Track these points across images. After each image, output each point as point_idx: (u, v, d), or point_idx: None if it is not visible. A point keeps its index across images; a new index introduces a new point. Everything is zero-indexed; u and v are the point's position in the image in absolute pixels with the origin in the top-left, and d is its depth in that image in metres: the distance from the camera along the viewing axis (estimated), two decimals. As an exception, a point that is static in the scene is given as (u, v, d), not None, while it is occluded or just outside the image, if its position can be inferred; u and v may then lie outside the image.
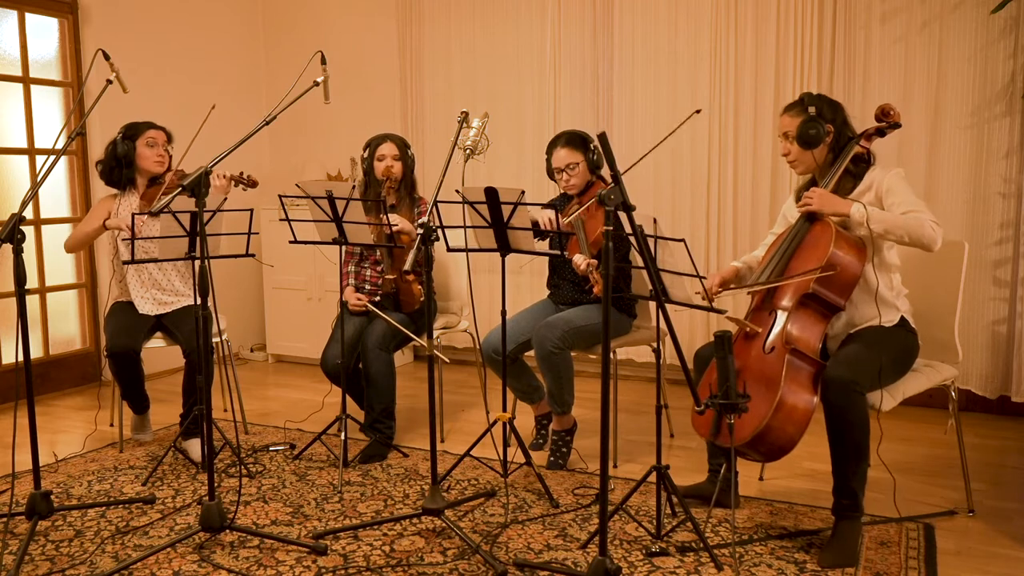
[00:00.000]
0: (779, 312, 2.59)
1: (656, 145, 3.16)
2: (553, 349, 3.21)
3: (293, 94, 2.76)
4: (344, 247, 3.54)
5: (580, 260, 3.20)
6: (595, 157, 3.36)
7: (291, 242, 3.28)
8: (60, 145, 2.91)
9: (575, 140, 3.36)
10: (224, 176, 3.40)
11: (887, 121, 2.73)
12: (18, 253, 2.54)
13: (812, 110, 2.68)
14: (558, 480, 3.20)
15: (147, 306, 3.52)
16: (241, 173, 3.43)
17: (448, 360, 3.35)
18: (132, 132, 3.48)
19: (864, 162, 2.74)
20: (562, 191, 3.48)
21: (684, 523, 2.74)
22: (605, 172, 3.41)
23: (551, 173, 3.44)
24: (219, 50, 5.42)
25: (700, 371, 2.80)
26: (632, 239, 2.34)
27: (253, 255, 3.33)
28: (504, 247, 2.97)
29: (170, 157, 3.57)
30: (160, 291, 3.55)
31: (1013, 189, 3.88)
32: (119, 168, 3.49)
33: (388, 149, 3.61)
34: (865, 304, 2.65)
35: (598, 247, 3.23)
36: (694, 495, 2.90)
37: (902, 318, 2.70)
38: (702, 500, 2.87)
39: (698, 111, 3.33)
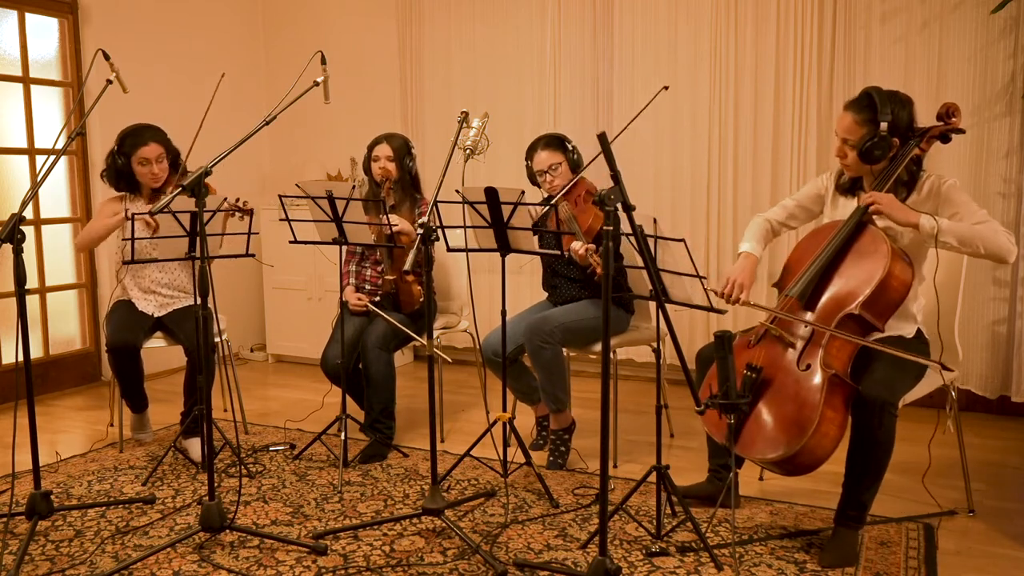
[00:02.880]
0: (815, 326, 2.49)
1: (624, 128, 3.15)
2: (542, 344, 3.20)
3: (293, 94, 2.76)
4: (344, 247, 3.54)
5: (578, 246, 3.21)
6: (575, 156, 3.38)
7: (291, 242, 3.28)
8: (60, 145, 2.91)
9: (554, 141, 3.39)
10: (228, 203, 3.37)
11: (949, 123, 2.53)
12: (18, 253, 2.54)
13: (885, 126, 2.47)
14: (558, 480, 3.20)
15: (149, 307, 3.53)
16: (237, 199, 3.31)
17: (451, 360, 3.35)
18: (127, 148, 3.44)
19: (916, 165, 2.58)
20: (546, 193, 3.48)
21: (684, 523, 2.74)
22: (599, 171, 3.41)
23: (532, 178, 3.46)
24: (219, 50, 5.42)
25: (702, 372, 2.78)
26: (632, 240, 2.33)
27: (253, 255, 3.33)
28: (504, 247, 2.97)
29: (171, 162, 3.53)
30: (160, 295, 3.56)
31: (1013, 189, 3.88)
32: (123, 177, 3.50)
33: (382, 150, 3.61)
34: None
35: (592, 235, 3.24)
36: (693, 495, 2.88)
37: (918, 330, 2.67)
38: (701, 500, 2.87)
39: (665, 88, 3.22)
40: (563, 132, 3.57)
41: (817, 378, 2.40)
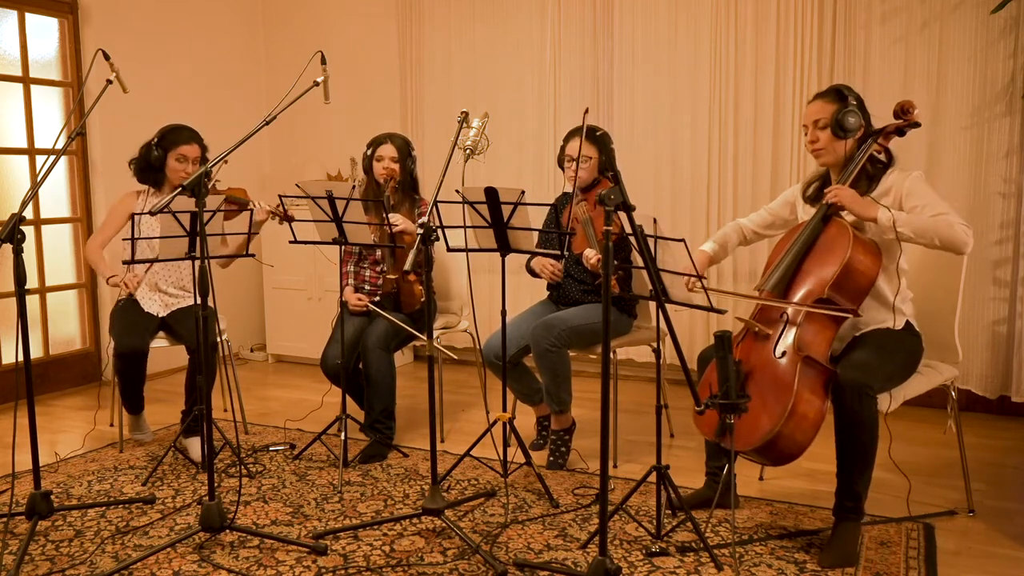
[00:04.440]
0: (789, 315, 2.54)
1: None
2: (550, 348, 3.20)
3: (293, 94, 2.76)
4: (342, 247, 3.54)
5: (591, 254, 3.20)
6: (606, 159, 3.36)
7: (291, 242, 3.28)
8: (60, 145, 2.91)
9: (593, 135, 3.37)
10: (266, 208, 3.41)
11: (906, 119, 2.62)
12: (18, 253, 2.54)
13: (853, 100, 2.60)
14: (558, 480, 3.20)
15: (154, 307, 3.53)
16: (279, 206, 3.38)
17: (455, 357, 3.35)
18: (166, 143, 3.48)
19: (880, 163, 2.66)
20: (568, 183, 3.47)
21: (684, 523, 2.74)
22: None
23: (561, 162, 3.44)
24: (219, 50, 5.42)
25: (703, 373, 2.78)
26: (632, 239, 2.33)
27: (253, 255, 3.34)
28: (504, 247, 2.97)
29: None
30: (167, 294, 3.57)
31: (1013, 189, 3.88)
32: (151, 171, 3.53)
33: (386, 151, 3.61)
34: (871, 308, 2.62)
35: None
36: (692, 503, 2.85)
37: (907, 322, 2.68)
38: (702, 506, 2.86)
39: (587, 110, 3.11)
40: (564, 132, 3.57)
41: (790, 361, 2.45)
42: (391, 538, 2.70)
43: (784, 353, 2.49)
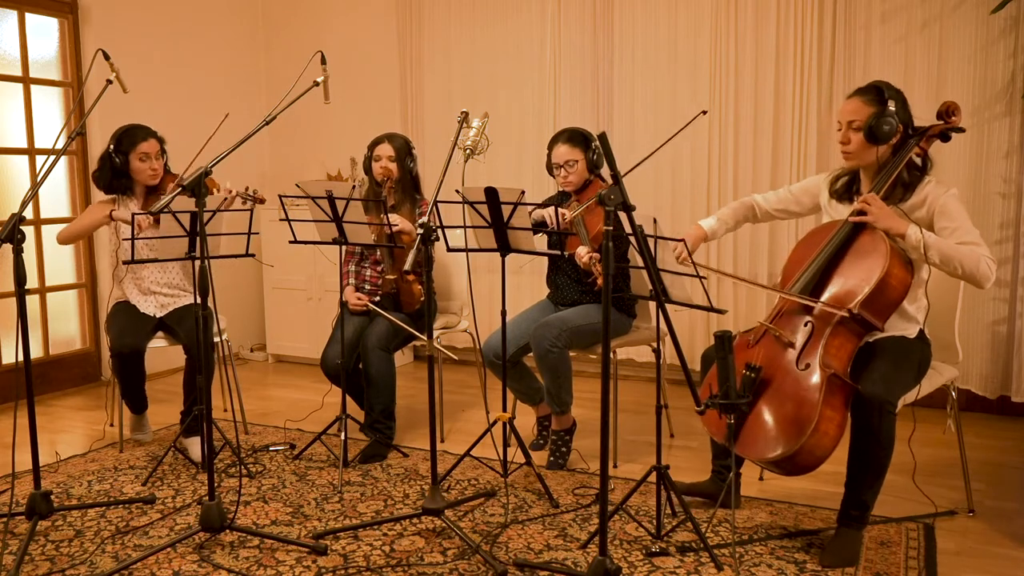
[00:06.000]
0: (815, 325, 2.49)
1: (659, 147, 3.16)
2: (551, 348, 3.20)
3: (293, 94, 2.76)
4: (344, 247, 3.54)
5: (583, 252, 3.20)
6: (595, 156, 3.37)
7: (291, 242, 3.28)
8: (60, 145, 2.91)
9: (576, 138, 3.36)
10: (230, 191, 3.35)
11: (950, 123, 2.54)
12: (18, 253, 2.54)
13: (892, 105, 2.50)
14: (558, 480, 3.20)
15: (150, 308, 3.53)
16: (247, 188, 3.34)
17: (456, 358, 3.35)
18: (125, 146, 3.44)
19: (917, 168, 2.58)
20: (560, 188, 3.48)
21: (684, 523, 2.74)
22: (604, 171, 3.42)
23: (550, 169, 3.45)
24: (219, 50, 5.42)
25: (707, 372, 2.78)
26: (632, 239, 2.33)
27: (253, 255, 3.33)
28: (504, 247, 2.97)
29: (165, 163, 3.55)
30: (161, 295, 3.56)
31: (1013, 189, 3.88)
32: (116, 178, 3.49)
33: (383, 150, 3.61)
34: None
35: (599, 242, 3.23)
36: (696, 493, 2.88)
37: (920, 330, 2.66)
38: (704, 498, 2.87)
39: (704, 112, 3.28)
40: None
41: (816, 377, 2.40)
42: (391, 538, 2.70)
43: (808, 366, 2.43)
